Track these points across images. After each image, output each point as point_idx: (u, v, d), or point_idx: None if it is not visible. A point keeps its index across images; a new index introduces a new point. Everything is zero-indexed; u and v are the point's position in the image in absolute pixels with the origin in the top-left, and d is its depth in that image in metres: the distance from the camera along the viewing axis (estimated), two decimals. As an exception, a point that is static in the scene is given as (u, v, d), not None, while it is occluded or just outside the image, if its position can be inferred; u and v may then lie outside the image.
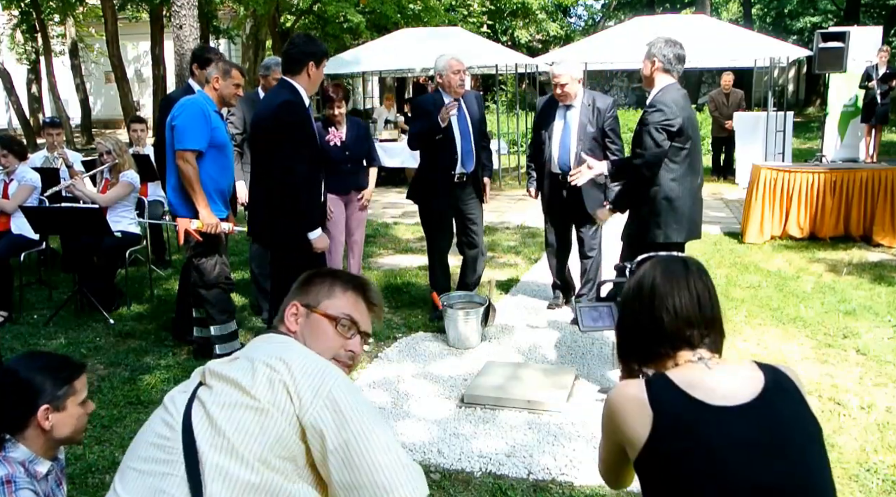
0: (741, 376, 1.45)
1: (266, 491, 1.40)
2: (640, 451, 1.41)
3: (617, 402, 1.47)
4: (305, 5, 15.69)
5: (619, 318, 1.64)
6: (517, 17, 23.25)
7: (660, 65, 3.84)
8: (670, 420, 1.39)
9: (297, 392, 1.43)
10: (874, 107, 10.85)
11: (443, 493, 2.98)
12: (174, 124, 4.08)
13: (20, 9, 19.41)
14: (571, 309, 5.33)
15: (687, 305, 1.50)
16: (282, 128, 3.79)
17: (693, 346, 1.50)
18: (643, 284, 1.55)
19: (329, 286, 1.72)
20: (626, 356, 1.61)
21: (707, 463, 1.34)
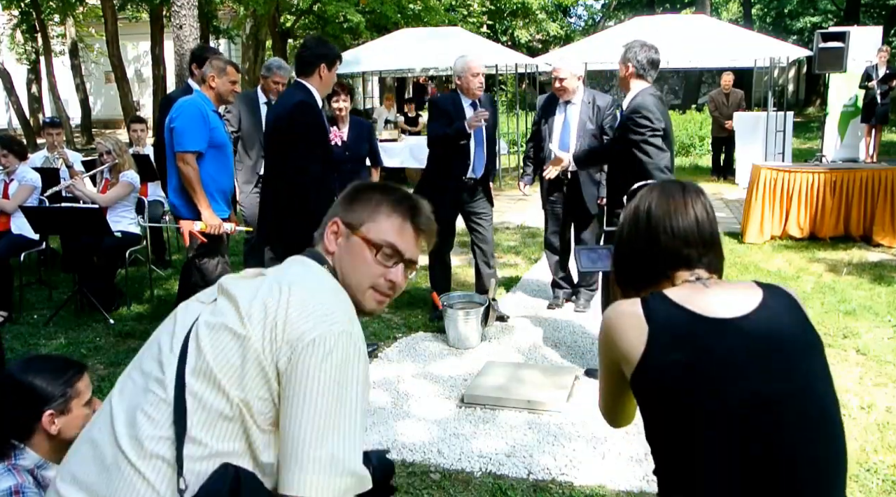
0: (739, 291, 1.43)
1: (237, 431, 1.29)
2: (636, 367, 1.37)
3: (612, 318, 1.44)
4: (305, 5, 15.68)
5: (615, 244, 1.59)
6: (517, 17, 23.25)
7: (633, 70, 3.87)
8: (666, 332, 1.36)
9: (285, 330, 1.30)
10: (874, 107, 10.85)
11: (443, 493, 2.98)
12: (173, 126, 4.08)
13: (20, 9, 19.41)
14: (575, 305, 5.34)
15: (685, 226, 1.46)
16: (296, 127, 3.85)
17: (691, 265, 1.46)
18: (640, 207, 1.52)
19: (375, 205, 1.53)
20: (624, 284, 1.56)
21: (705, 373, 1.31)
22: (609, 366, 1.48)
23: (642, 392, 1.39)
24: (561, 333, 4.86)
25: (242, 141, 5.18)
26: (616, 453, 3.27)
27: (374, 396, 3.93)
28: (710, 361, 1.31)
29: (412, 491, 2.98)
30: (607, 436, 3.42)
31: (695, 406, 1.30)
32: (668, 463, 1.36)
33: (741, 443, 1.27)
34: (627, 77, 3.91)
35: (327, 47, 3.97)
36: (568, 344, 4.67)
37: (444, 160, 4.87)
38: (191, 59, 5.08)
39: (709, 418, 1.29)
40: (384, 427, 3.56)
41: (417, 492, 2.97)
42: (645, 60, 3.85)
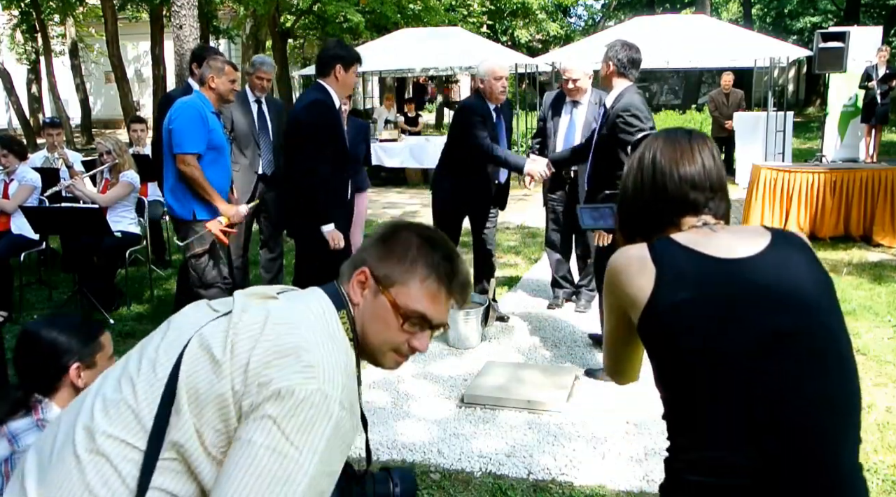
0: (747, 234, 1.40)
1: (184, 455, 1.18)
2: (643, 310, 1.33)
3: (618, 262, 1.41)
4: (305, 5, 15.68)
5: (620, 194, 1.55)
6: (517, 17, 23.23)
7: (614, 68, 3.95)
8: (674, 272, 1.33)
9: (256, 371, 1.18)
10: (874, 107, 10.84)
11: (443, 493, 2.98)
12: (171, 128, 4.09)
13: (20, 9, 19.40)
14: (576, 305, 5.34)
15: (691, 171, 1.44)
16: (303, 129, 3.95)
17: (698, 210, 1.44)
18: (644, 156, 1.49)
19: (410, 264, 1.37)
20: (630, 235, 1.53)
21: (714, 311, 1.28)
22: (615, 313, 1.45)
23: (650, 336, 1.35)
24: (561, 333, 4.85)
25: (237, 141, 5.14)
26: (616, 453, 3.27)
27: (375, 396, 3.93)
28: (720, 300, 1.29)
29: (412, 491, 2.98)
30: (607, 436, 3.42)
31: (704, 345, 1.27)
32: (677, 406, 1.33)
33: (751, 380, 1.24)
34: (609, 75, 4.00)
35: (344, 49, 4.07)
36: (568, 344, 4.67)
37: (479, 166, 4.77)
38: (191, 59, 5.08)
39: (719, 356, 1.26)
40: (384, 427, 3.56)
41: (417, 492, 2.97)
42: (626, 59, 3.92)
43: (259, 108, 5.26)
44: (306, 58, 25.30)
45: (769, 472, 1.21)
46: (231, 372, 1.19)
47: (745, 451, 1.22)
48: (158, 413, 1.20)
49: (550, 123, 5.07)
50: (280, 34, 15.38)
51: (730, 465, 1.23)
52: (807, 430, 1.23)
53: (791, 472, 1.21)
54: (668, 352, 1.31)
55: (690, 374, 1.28)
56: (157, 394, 1.22)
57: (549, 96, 5.23)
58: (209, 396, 1.18)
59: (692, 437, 1.29)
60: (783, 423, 1.22)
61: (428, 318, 1.41)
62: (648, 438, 3.39)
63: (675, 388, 1.32)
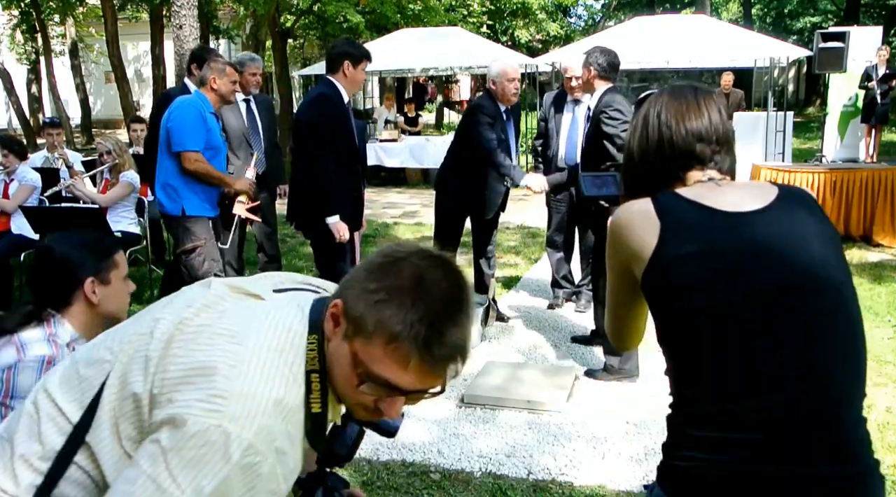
0: (754, 189, 1.38)
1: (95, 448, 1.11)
2: (647, 264, 1.30)
3: (622, 217, 1.38)
4: (305, 5, 15.68)
5: (625, 155, 1.53)
6: (517, 17, 23.23)
7: (595, 72, 4.15)
8: (678, 225, 1.30)
9: (162, 384, 1.07)
10: (874, 107, 10.84)
11: (443, 493, 2.98)
12: (169, 126, 4.10)
13: (20, 9, 19.41)
14: (576, 305, 5.34)
15: (697, 124, 1.41)
16: (303, 127, 4.03)
17: (704, 163, 1.41)
18: (649, 112, 1.46)
19: (390, 313, 1.07)
20: (633, 191, 1.48)
21: (719, 264, 1.26)
22: (618, 270, 1.41)
23: (654, 290, 1.32)
24: (561, 333, 4.85)
25: (229, 142, 5.12)
26: (616, 453, 3.27)
27: (374, 396, 3.93)
28: (725, 254, 1.26)
29: (412, 491, 2.98)
30: (607, 436, 3.42)
31: (709, 298, 1.25)
32: (681, 361, 1.31)
33: (756, 334, 1.22)
34: (591, 79, 4.19)
35: (353, 46, 4.10)
36: (568, 344, 4.66)
37: (483, 170, 4.73)
38: (190, 60, 5.06)
39: (724, 310, 1.24)
40: (384, 427, 3.56)
41: (417, 492, 2.97)
42: (605, 63, 4.12)
43: (248, 107, 5.25)
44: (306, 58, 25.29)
45: (775, 427, 1.20)
46: (154, 374, 1.09)
47: (752, 405, 1.21)
48: (97, 393, 1.15)
49: (552, 123, 5.08)
50: (280, 34, 15.37)
51: (737, 419, 1.21)
52: (812, 387, 1.21)
53: (796, 428, 1.20)
54: (673, 306, 1.29)
55: (695, 327, 1.26)
56: (105, 373, 1.16)
57: (550, 96, 5.24)
58: (128, 391, 1.10)
59: (697, 389, 1.27)
60: (788, 378, 1.21)
61: (395, 386, 1.10)
62: (648, 438, 3.39)
63: (679, 342, 1.30)
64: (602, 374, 4.08)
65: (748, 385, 1.21)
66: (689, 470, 1.25)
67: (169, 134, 4.10)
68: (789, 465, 1.19)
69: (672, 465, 1.30)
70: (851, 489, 1.22)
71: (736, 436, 1.21)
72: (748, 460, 1.20)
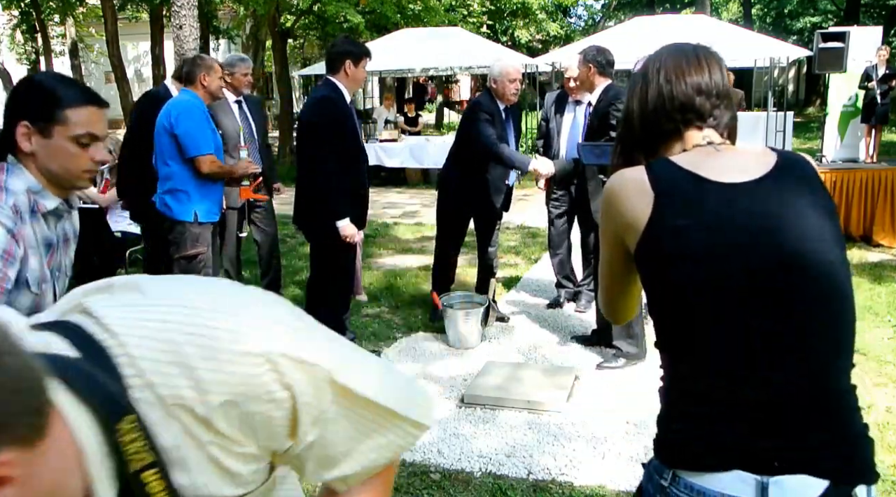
0: (752, 156, 1.35)
1: None
2: (641, 235, 1.29)
3: (615, 186, 1.35)
4: (305, 5, 15.68)
5: (623, 115, 1.50)
6: (517, 17, 23.24)
7: (595, 69, 4.29)
8: (672, 196, 1.28)
9: None
10: (874, 107, 10.84)
11: (443, 493, 2.98)
12: (178, 132, 4.08)
13: (20, 9, 19.43)
14: (576, 305, 5.34)
15: (698, 78, 1.39)
16: (304, 128, 4.07)
17: (703, 118, 1.39)
18: (649, 68, 1.44)
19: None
20: (629, 153, 1.46)
21: (713, 238, 1.24)
22: (611, 241, 1.39)
23: (647, 262, 1.31)
24: (561, 333, 4.86)
25: (224, 144, 5.12)
26: (616, 453, 3.27)
27: (374, 396, 3.93)
28: (719, 226, 1.25)
29: (412, 491, 2.98)
30: (607, 436, 3.42)
31: (702, 271, 1.24)
32: (674, 334, 1.30)
33: (752, 309, 1.22)
34: (591, 77, 4.32)
35: (353, 45, 4.11)
36: (568, 344, 4.66)
37: (489, 165, 4.77)
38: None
39: (717, 283, 1.23)
40: (384, 427, 3.56)
41: (417, 492, 2.97)
42: (604, 60, 4.24)
43: (241, 108, 5.25)
44: (306, 58, 25.31)
45: (773, 405, 1.20)
46: None
47: (748, 381, 1.21)
48: None
49: (553, 123, 5.08)
50: (280, 34, 15.38)
51: (733, 394, 1.21)
52: (809, 365, 1.22)
53: (794, 405, 1.21)
54: (668, 277, 1.27)
55: (690, 300, 1.25)
56: None
57: (551, 97, 5.24)
58: None
59: (692, 363, 1.26)
60: (786, 356, 1.21)
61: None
62: (648, 438, 3.38)
63: (673, 315, 1.29)
64: (619, 362, 4.17)
65: (745, 361, 1.21)
66: (686, 443, 1.25)
67: (179, 140, 4.09)
68: (786, 438, 1.20)
69: (668, 438, 1.30)
70: (845, 453, 1.24)
71: (732, 411, 1.21)
72: (744, 436, 1.21)
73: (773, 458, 1.20)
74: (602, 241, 1.43)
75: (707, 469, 1.22)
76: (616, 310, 1.52)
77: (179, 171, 4.14)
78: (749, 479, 1.19)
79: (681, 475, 1.25)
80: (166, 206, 4.21)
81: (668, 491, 1.26)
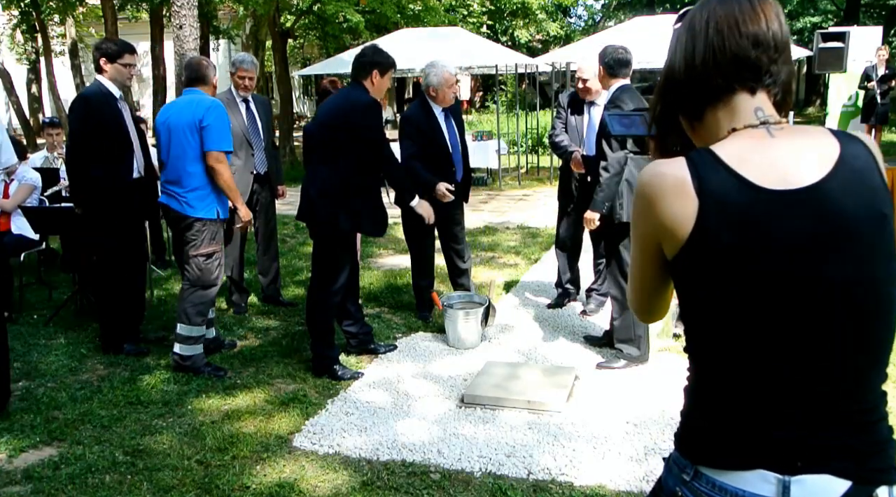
0: (810, 146, 1.19)
1: None
2: (682, 247, 1.18)
3: (652, 182, 1.21)
4: (305, 5, 15.69)
5: (664, 72, 1.33)
6: (517, 17, 23.24)
7: (603, 70, 4.28)
8: (719, 209, 1.16)
9: None
10: (874, 107, 10.86)
11: (443, 493, 2.98)
12: (205, 125, 4.13)
13: (20, 9, 19.41)
14: (581, 303, 5.32)
15: (754, 28, 1.22)
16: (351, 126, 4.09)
17: (758, 75, 1.23)
18: (696, 18, 1.27)
19: None
20: (670, 115, 1.31)
21: (762, 259, 1.15)
22: (646, 242, 1.27)
23: (686, 274, 1.22)
24: (561, 333, 4.85)
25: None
26: (616, 453, 3.27)
27: (375, 396, 3.93)
28: (769, 246, 1.15)
29: (412, 491, 2.98)
30: (607, 436, 3.42)
31: (746, 291, 1.16)
32: (704, 340, 1.24)
33: (791, 322, 1.17)
34: (602, 79, 4.31)
35: (382, 55, 4.22)
36: (568, 344, 4.66)
37: (434, 170, 4.84)
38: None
39: (760, 301, 1.16)
40: (384, 427, 3.56)
41: (417, 492, 2.97)
42: (612, 60, 4.21)
43: (247, 108, 5.25)
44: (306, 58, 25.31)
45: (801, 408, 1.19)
46: None
47: (780, 385, 1.18)
48: None
49: (574, 123, 5.01)
50: (280, 34, 15.37)
51: (762, 396, 1.19)
52: (841, 371, 1.19)
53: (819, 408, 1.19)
54: (706, 292, 1.20)
55: (727, 315, 1.19)
56: None
57: (565, 96, 5.18)
58: None
59: (725, 367, 1.21)
60: (819, 361, 1.18)
61: None
62: (648, 438, 3.39)
63: (707, 324, 1.22)
64: (619, 362, 4.18)
65: (780, 369, 1.18)
66: (711, 440, 1.24)
67: (205, 132, 4.14)
68: (811, 440, 1.19)
69: (692, 434, 1.28)
70: (868, 455, 1.21)
71: (760, 412, 1.20)
72: (770, 436, 1.19)
73: (797, 457, 1.19)
74: (634, 241, 1.32)
75: (732, 467, 1.21)
76: (649, 310, 1.42)
77: (202, 168, 4.20)
78: (771, 478, 1.18)
79: (703, 471, 1.23)
80: (189, 206, 4.20)
81: (690, 485, 1.25)
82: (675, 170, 1.19)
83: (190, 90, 4.33)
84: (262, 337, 4.93)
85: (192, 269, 4.23)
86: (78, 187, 4.50)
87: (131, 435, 3.53)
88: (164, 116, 4.30)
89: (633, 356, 4.17)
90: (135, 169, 4.51)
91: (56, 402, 3.90)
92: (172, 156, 4.22)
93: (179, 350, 4.23)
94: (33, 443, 3.46)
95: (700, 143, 1.30)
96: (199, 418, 3.71)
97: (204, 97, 4.26)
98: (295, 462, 3.26)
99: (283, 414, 3.74)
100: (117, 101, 4.43)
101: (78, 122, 4.37)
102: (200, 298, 4.24)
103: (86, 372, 4.37)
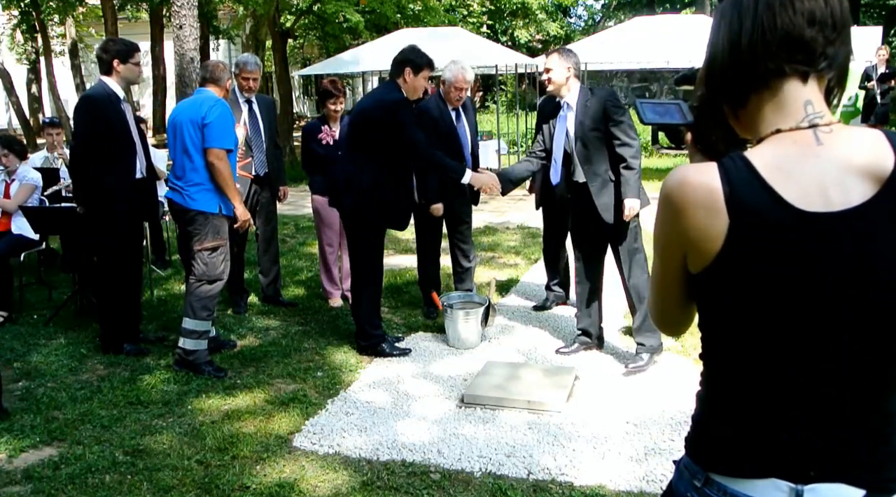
0: (859, 160, 1.08)
1: None
2: (709, 265, 1.11)
3: (681, 195, 1.11)
4: (305, 5, 15.69)
5: (708, 52, 1.20)
6: (517, 17, 23.26)
7: (570, 73, 4.28)
8: (752, 231, 1.07)
9: None
10: (874, 107, 10.86)
11: (443, 493, 2.98)
12: (207, 122, 4.15)
13: (20, 9, 19.41)
14: (570, 304, 5.32)
15: (810, 3, 1.08)
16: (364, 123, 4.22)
17: (813, 57, 1.10)
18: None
19: None
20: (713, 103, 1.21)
21: (793, 289, 1.07)
22: (669, 253, 1.19)
23: (711, 292, 1.15)
24: (561, 333, 4.85)
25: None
26: (616, 453, 3.27)
27: (374, 396, 3.93)
28: (804, 276, 1.07)
29: (412, 491, 2.98)
30: (607, 436, 3.42)
31: (775, 316, 1.10)
32: (723, 350, 1.20)
33: (816, 341, 1.12)
34: (568, 80, 4.30)
35: (417, 54, 4.28)
36: (568, 344, 4.65)
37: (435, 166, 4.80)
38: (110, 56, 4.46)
39: (788, 323, 1.10)
40: (384, 427, 3.56)
41: (417, 492, 2.97)
42: (573, 64, 4.29)
43: (250, 109, 5.25)
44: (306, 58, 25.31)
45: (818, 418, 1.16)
46: None
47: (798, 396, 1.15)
48: None
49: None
50: (280, 34, 15.37)
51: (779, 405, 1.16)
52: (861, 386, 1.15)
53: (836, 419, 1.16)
54: (731, 312, 1.14)
55: (751, 331, 1.13)
56: None
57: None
58: None
59: (743, 378, 1.17)
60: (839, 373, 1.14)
61: None
62: (648, 438, 3.39)
63: (728, 337, 1.17)
64: (643, 359, 4.15)
65: (799, 382, 1.15)
66: (724, 448, 1.22)
67: (206, 129, 4.15)
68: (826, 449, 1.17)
69: (705, 441, 1.26)
70: (883, 465, 1.20)
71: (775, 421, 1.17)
72: (784, 445, 1.17)
73: (810, 466, 1.17)
74: (657, 251, 1.23)
75: (744, 475, 1.19)
76: (672, 322, 1.32)
77: (204, 164, 4.22)
78: (784, 487, 1.17)
79: (715, 478, 1.22)
80: (191, 198, 4.22)
81: (701, 492, 1.23)
82: (706, 179, 1.09)
83: (201, 90, 4.39)
84: (262, 337, 4.94)
85: (198, 264, 4.26)
86: (82, 187, 4.51)
87: (131, 435, 3.53)
88: (173, 114, 4.37)
89: (654, 346, 4.17)
90: (137, 169, 4.52)
91: (56, 402, 3.90)
92: (178, 151, 4.27)
93: (184, 344, 4.25)
94: (33, 443, 3.47)
95: (743, 133, 1.20)
96: (199, 418, 3.71)
97: (210, 95, 4.30)
98: (295, 462, 3.26)
99: (283, 414, 3.74)
100: (121, 102, 4.44)
101: (84, 123, 4.38)
102: (206, 293, 4.25)
103: (86, 372, 4.37)
